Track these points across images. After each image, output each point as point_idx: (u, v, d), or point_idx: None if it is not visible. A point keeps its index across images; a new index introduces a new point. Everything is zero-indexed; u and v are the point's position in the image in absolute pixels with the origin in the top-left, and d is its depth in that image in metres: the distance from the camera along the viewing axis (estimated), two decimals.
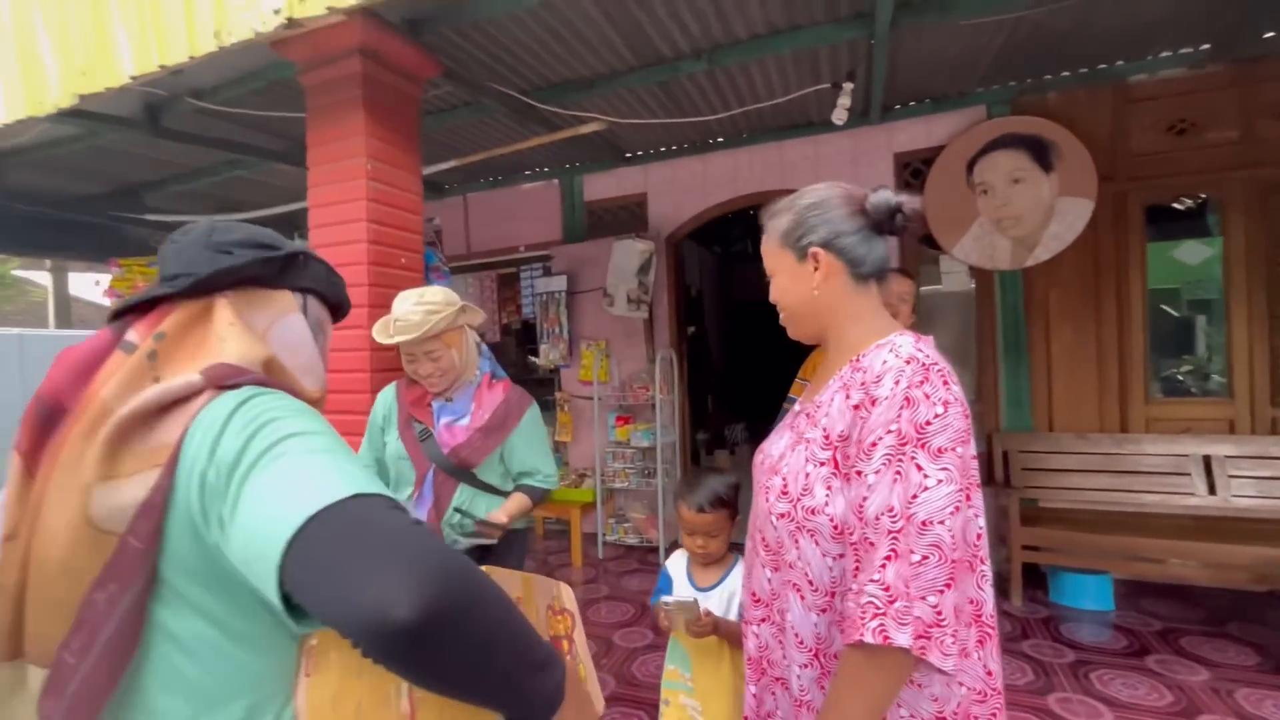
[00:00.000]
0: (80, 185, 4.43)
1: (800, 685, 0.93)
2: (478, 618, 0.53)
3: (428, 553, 0.51)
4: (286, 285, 0.76)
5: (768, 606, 0.99)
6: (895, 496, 0.80)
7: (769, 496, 0.95)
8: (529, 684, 0.59)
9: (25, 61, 2.16)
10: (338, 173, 2.04)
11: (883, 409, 0.83)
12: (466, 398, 1.72)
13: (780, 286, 1.02)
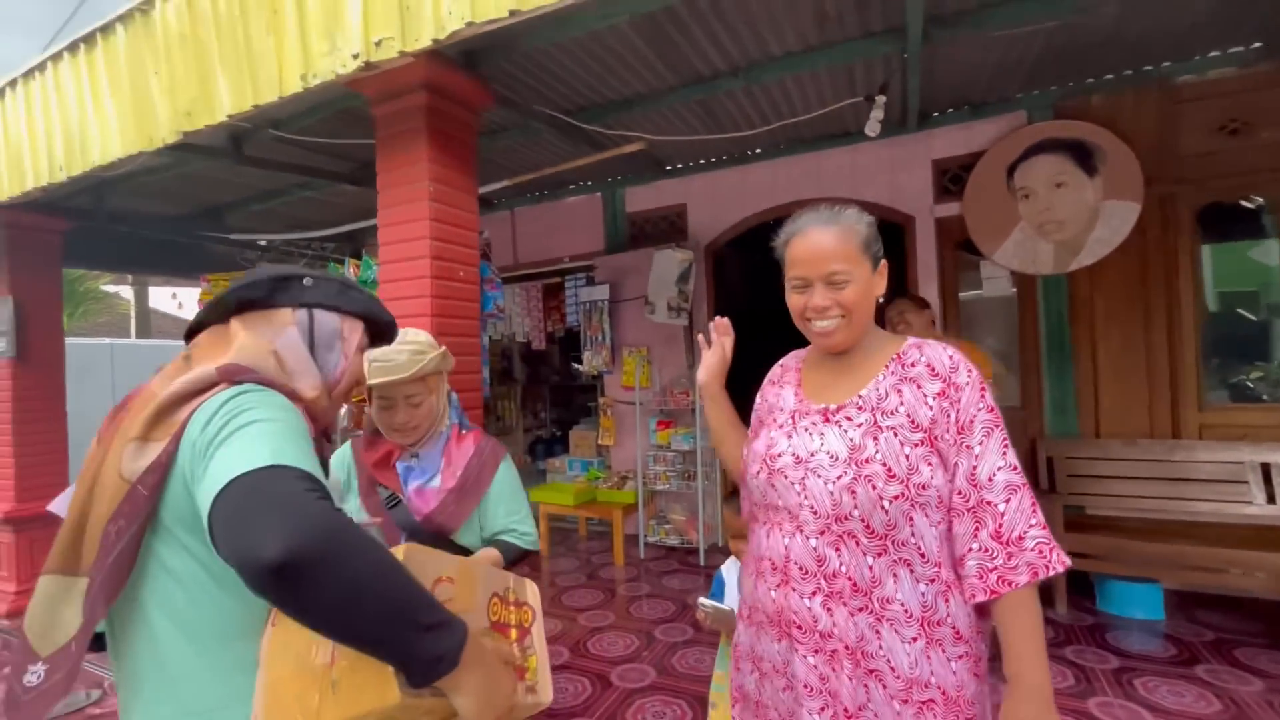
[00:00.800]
0: (170, 207, 4.85)
1: (910, 660, 0.98)
2: (346, 569, 0.62)
3: (306, 512, 0.64)
4: (284, 304, 0.92)
5: (866, 595, 1.00)
6: (1009, 458, 0.98)
7: (875, 485, 0.98)
8: (407, 639, 0.66)
9: (138, 103, 2.46)
10: (404, 195, 2.25)
11: (969, 393, 1.00)
12: (435, 453, 1.51)
13: (859, 292, 1.05)
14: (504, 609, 0.89)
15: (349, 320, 0.98)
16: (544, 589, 3.93)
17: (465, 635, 0.71)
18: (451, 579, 0.81)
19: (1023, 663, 0.94)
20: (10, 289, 3.89)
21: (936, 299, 4.00)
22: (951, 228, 3.92)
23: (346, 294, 0.98)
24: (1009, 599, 0.94)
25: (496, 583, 0.90)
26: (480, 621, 0.83)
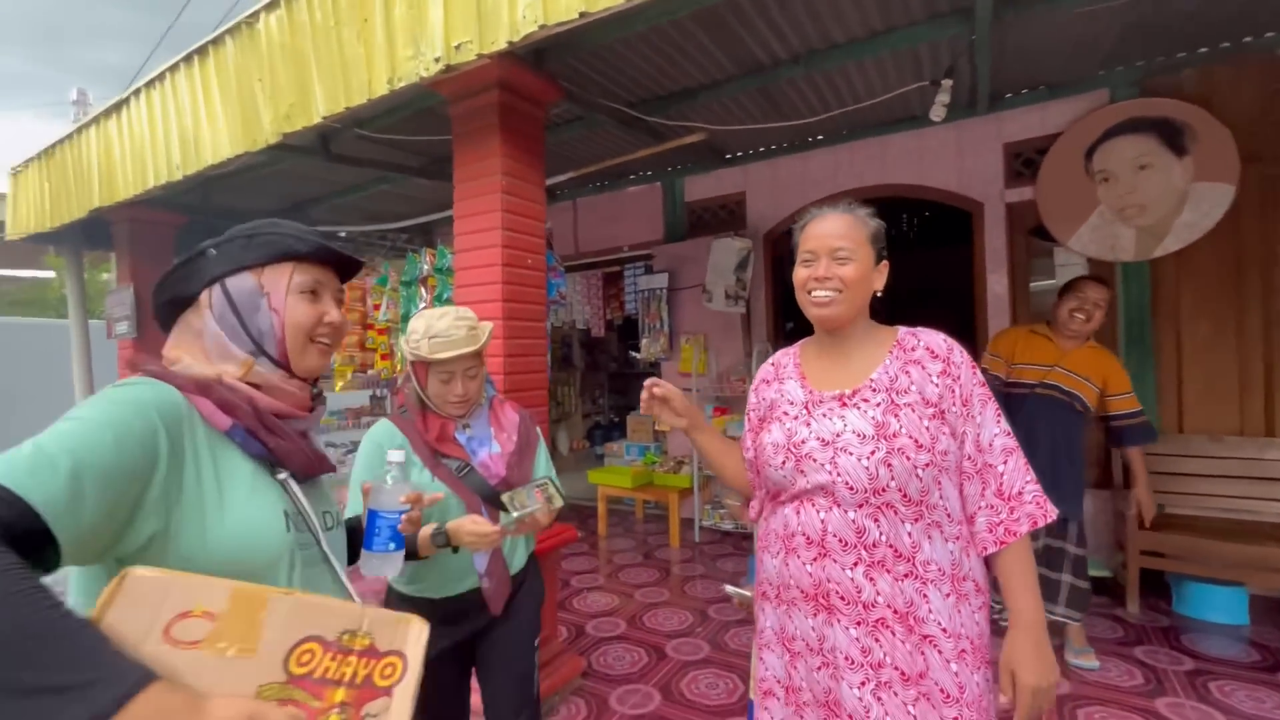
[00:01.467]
0: (263, 202, 5.26)
1: (952, 619, 1.05)
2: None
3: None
4: (199, 288, 0.84)
5: (910, 561, 1.06)
6: (1003, 424, 1.12)
7: (908, 456, 1.05)
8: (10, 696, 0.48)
9: (244, 108, 2.72)
10: (478, 188, 2.41)
11: (965, 371, 1.13)
12: (483, 421, 1.62)
13: (859, 272, 1.14)
14: (328, 659, 0.66)
15: (267, 270, 0.86)
16: (602, 567, 4.10)
17: (120, 697, 0.50)
18: (210, 613, 0.61)
19: (1024, 601, 1.07)
20: (131, 277, 4.35)
21: (1005, 289, 3.88)
22: (1023, 213, 3.79)
23: (251, 244, 0.86)
24: (1012, 548, 1.07)
25: (326, 622, 0.67)
26: (263, 675, 0.62)
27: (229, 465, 0.77)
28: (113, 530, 0.65)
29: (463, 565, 1.52)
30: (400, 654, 0.69)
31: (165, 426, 0.71)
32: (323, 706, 0.64)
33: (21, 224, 4.40)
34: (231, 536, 0.73)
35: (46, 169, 4.12)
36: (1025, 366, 2.74)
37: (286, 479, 0.83)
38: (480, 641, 1.60)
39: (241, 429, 0.79)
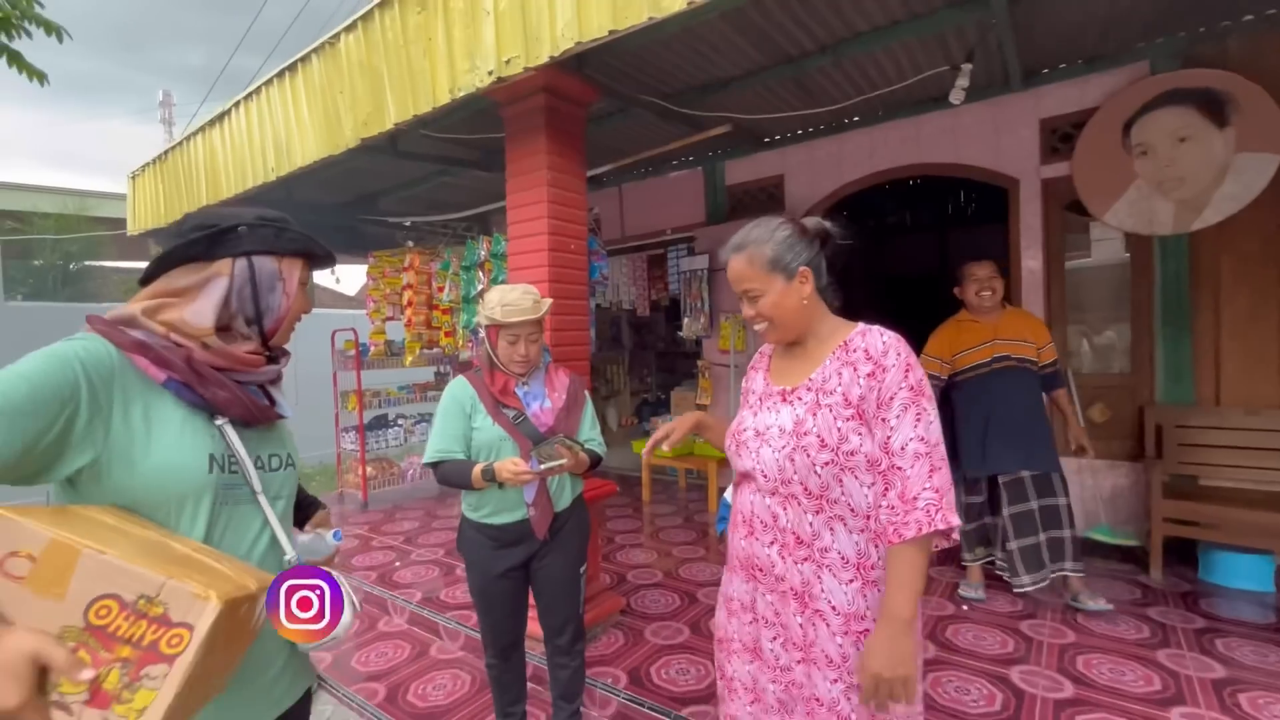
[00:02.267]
0: (337, 196, 5.78)
1: (848, 599, 1.16)
2: None
3: None
4: (222, 256, 0.95)
5: (809, 546, 1.19)
6: (920, 430, 1.11)
7: (809, 453, 1.16)
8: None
9: (327, 117, 3.13)
10: (527, 182, 2.72)
11: (894, 373, 1.14)
12: (538, 382, 1.93)
13: (772, 303, 1.24)
14: (120, 618, 0.71)
15: (287, 260, 1.01)
16: (644, 528, 4.43)
17: None
18: (32, 556, 0.69)
19: (893, 598, 1.09)
20: None
21: (1040, 266, 3.92)
22: (1059, 189, 3.81)
23: (282, 237, 1.00)
24: (899, 548, 1.09)
25: (127, 584, 0.71)
26: (65, 618, 0.69)
27: (161, 411, 0.89)
28: (37, 461, 0.78)
29: (515, 498, 1.86)
30: (190, 627, 0.71)
31: (87, 377, 0.82)
32: (108, 658, 0.69)
33: (140, 221, 5.05)
34: (154, 470, 0.86)
35: (160, 173, 4.72)
36: (969, 351, 3.03)
37: (223, 425, 0.93)
38: (535, 564, 1.94)
39: (175, 381, 0.89)
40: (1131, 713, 2.10)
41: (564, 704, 2.05)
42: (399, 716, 2.39)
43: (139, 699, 0.68)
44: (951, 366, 3.08)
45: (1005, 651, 2.53)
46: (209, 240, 0.95)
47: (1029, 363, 2.97)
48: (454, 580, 3.56)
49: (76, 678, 0.67)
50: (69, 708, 0.67)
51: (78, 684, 0.67)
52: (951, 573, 3.38)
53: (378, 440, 5.68)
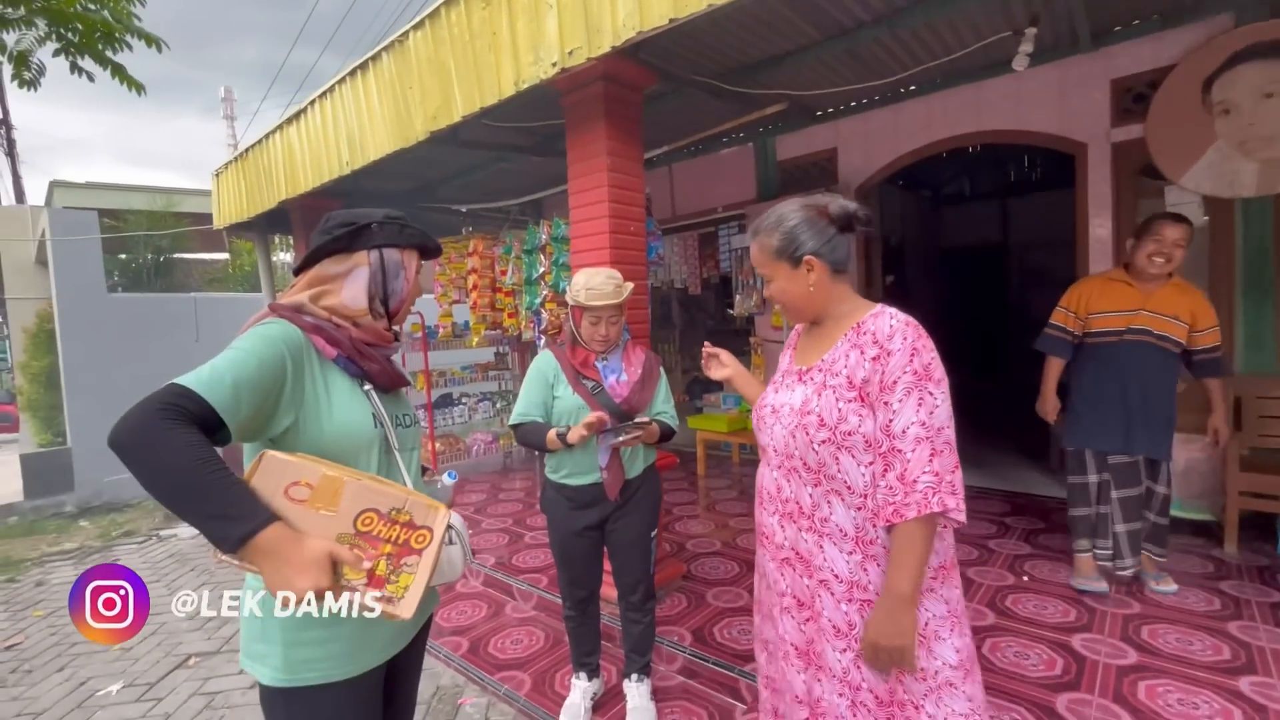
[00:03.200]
0: (400, 185, 6.03)
1: (849, 569, 1.21)
2: (141, 460, 0.82)
3: (129, 415, 0.85)
4: (359, 249, 1.14)
5: (810, 517, 1.26)
6: (921, 414, 1.12)
7: (808, 431, 1.21)
8: (193, 520, 0.84)
9: (398, 111, 3.31)
10: (588, 168, 2.83)
11: (898, 357, 1.15)
12: (617, 358, 2.07)
13: (780, 288, 1.31)
14: (381, 524, 0.95)
15: (407, 252, 1.20)
16: (700, 500, 4.57)
17: (255, 528, 0.85)
18: (310, 484, 0.93)
19: (893, 576, 1.14)
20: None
21: (1110, 233, 3.79)
22: (1131, 153, 3.67)
23: (404, 232, 1.18)
24: (899, 528, 1.13)
25: (380, 500, 0.96)
26: (339, 527, 0.93)
27: (335, 381, 1.09)
28: (260, 421, 0.98)
29: (590, 462, 2.02)
30: (430, 529, 0.97)
31: (290, 355, 1.02)
32: (375, 554, 0.94)
33: (225, 215, 5.43)
34: (339, 427, 1.06)
35: (241, 169, 5.05)
36: (1106, 315, 2.71)
37: (370, 390, 1.13)
38: (609, 525, 2.10)
39: (343, 357, 1.10)
40: (1198, 680, 2.11)
41: (636, 656, 2.22)
42: (482, 666, 2.62)
43: (402, 580, 0.94)
44: (1083, 325, 2.77)
45: (1066, 620, 2.56)
46: (350, 235, 1.14)
47: (1170, 342, 2.63)
48: (522, 547, 3.79)
49: (359, 568, 0.92)
50: (355, 588, 0.92)
51: (359, 572, 0.92)
52: (1012, 544, 3.38)
53: (444, 418, 5.98)
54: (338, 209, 1.28)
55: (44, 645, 3.26)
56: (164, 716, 2.53)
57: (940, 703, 1.19)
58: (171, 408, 0.86)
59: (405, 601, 0.93)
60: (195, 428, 0.87)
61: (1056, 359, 2.86)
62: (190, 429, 0.86)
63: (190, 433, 0.86)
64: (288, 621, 1.02)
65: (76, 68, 3.41)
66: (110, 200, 8.00)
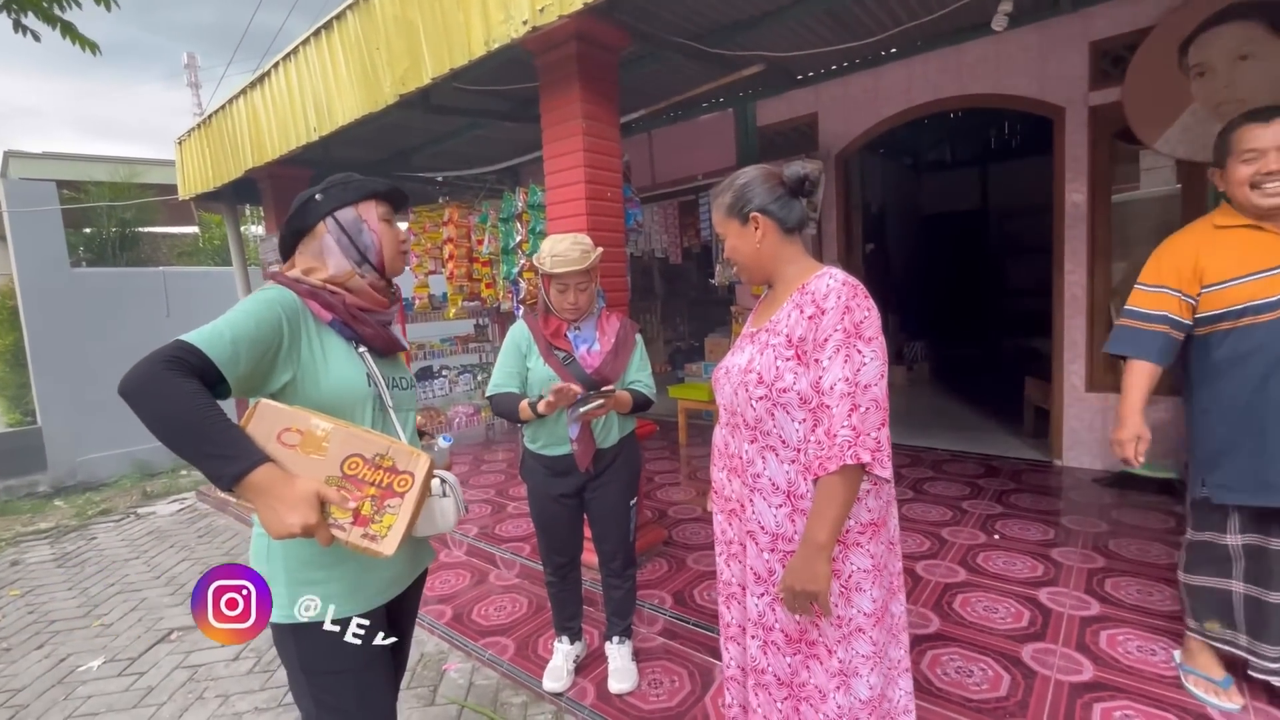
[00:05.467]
0: (371, 153, 5.87)
1: (776, 521, 1.28)
2: (147, 407, 0.90)
3: (139, 366, 0.92)
4: (315, 222, 1.20)
5: (744, 472, 1.32)
6: (847, 371, 1.15)
7: (748, 388, 1.27)
8: (194, 459, 0.91)
9: (365, 75, 3.19)
10: (563, 131, 2.77)
11: (830, 316, 1.18)
12: (590, 326, 2.04)
13: (732, 246, 1.36)
14: (366, 469, 1.03)
15: (361, 206, 1.22)
16: (681, 468, 4.62)
17: (249, 467, 0.92)
18: (300, 431, 1.00)
19: (811, 524, 1.18)
20: (278, 226, 5.11)
21: (1085, 199, 3.82)
22: (1109, 117, 3.67)
23: (348, 188, 1.22)
24: (821, 480, 1.16)
25: (365, 447, 1.04)
26: (327, 470, 1.00)
27: (330, 343, 1.16)
28: (259, 377, 1.06)
29: (563, 434, 2.01)
30: (411, 474, 1.05)
31: (286, 317, 1.09)
32: (360, 495, 1.01)
33: (190, 185, 5.25)
34: (334, 384, 1.13)
35: (205, 137, 4.87)
36: (1237, 283, 1.65)
37: (364, 353, 1.20)
38: (588, 494, 2.10)
39: (338, 320, 1.17)
40: (1156, 628, 2.20)
41: (617, 620, 2.25)
42: (466, 633, 2.65)
43: (385, 520, 1.01)
44: (1195, 306, 1.72)
45: (1034, 575, 2.64)
46: (299, 216, 1.22)
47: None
48: (505, 517, 3.81)
49: (345, 507, 0.99)
50: (343, 527, 0.99)
51: (345, 511, 0.99)
52: (984, 505, 3.47)
53: (425, 391, 5.94)
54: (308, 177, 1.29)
55: (22, 624, 3.24)
56: (147, 690, 2.53)
57: (849, 648, 1.28)
58: (175, 360, 0.93)
59: (388, 540, 0.99)
60: (196, 379, 0.94)
61: (1146, 364, 1.76)
62: (191, 379, 0.93)
63: (191, 382, 0.93)
64: (291, 563, 1.12)
65: (20, 26, 3.22)
66: (69, 171, 7.68)
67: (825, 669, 1.27)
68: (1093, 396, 3.91)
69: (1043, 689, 1.94)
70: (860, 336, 1.17)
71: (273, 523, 0.94)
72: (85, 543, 4.53)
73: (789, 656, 1.30)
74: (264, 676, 2.55)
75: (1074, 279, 3.90)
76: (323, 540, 0.97)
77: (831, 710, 1.27)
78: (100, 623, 3.16)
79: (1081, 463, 3.98)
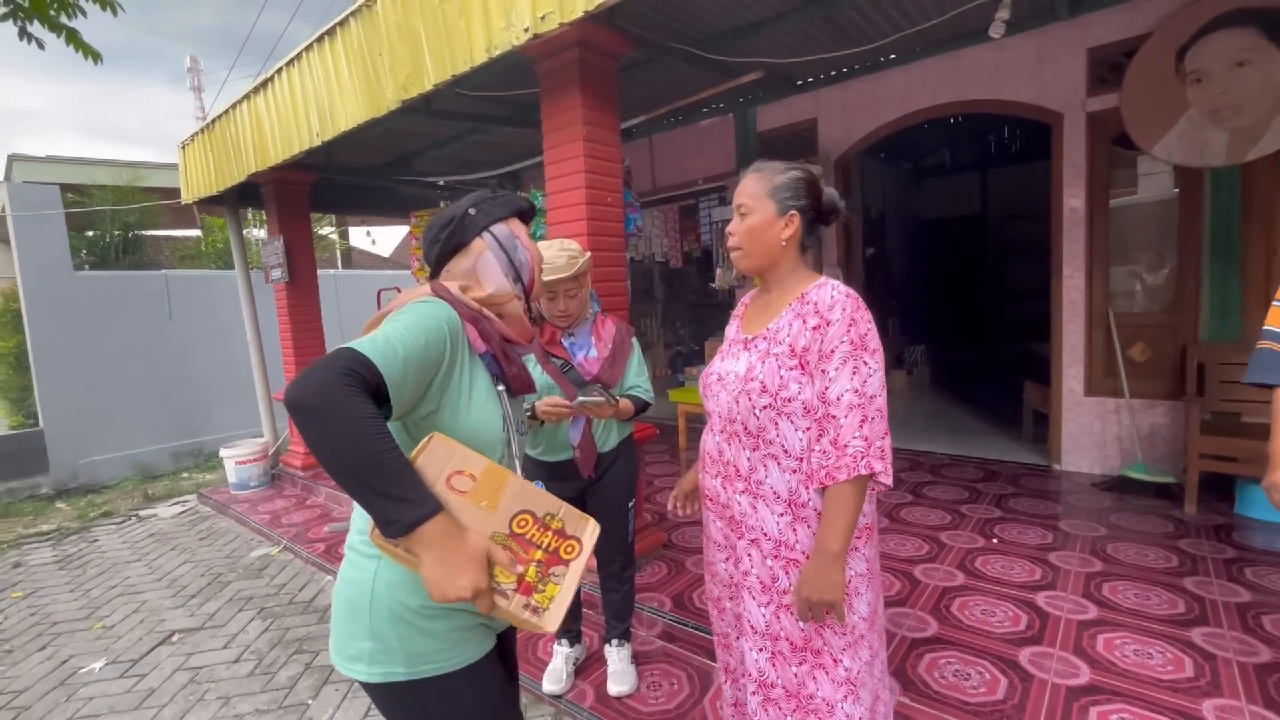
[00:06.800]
0: (373, 158, 5.89)
1: (779, 529, 1.28)
2: (319, 424, 0.77)
3: (312, 374, 0.80)
4: (471, 238, 1.11)
5: (746, 480, 1.31)
6: (855, 383, 1.18)
7: (751, 397, 1.26)
8: (362, 494, 0.79)
9: (368, 80, 3.22)
10: (563, 137, 2.79)
11: (837, 328, 1.20)
12: (585, 332, 2.03)
13: (753, 224, 1.29)
14: (534, 529, 0.93)
15: (511, 221, 1.16)
16: (681, 471, 4.62)
17: (427, 515, 0.80)
18: (473, 476, 0.89)
19: (824, 534, 1.19)
20: (280, 230, 5.14)
21: (1083, 204, 3.84)
22: (1106, 122, 3.69)
23: (498, 204, 1.15)
24: (832, 490, 1.18)
25: (537, 503, 0.95)
26: (495, 526, 0.90)
27: (477, 374, 1.04)
28: (413, 401, 0.93)
29: (563, 440, 2.03)
30: (579, 540, 0.96)
31: (451, 337, 0.98)
32: (526, 559, 0.91)
33: (193, 189, 5.28)
34: (473, 424, 1.01)
35: (208, 141, 4.90)
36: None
37: (503, 391, 1.09)
38: (588, 497, 2.12)
39: (489, 354, 1.06)
40: (1153, 632, 2.21)
41: (616, 623, 2.26)
42: None
43: (549, 590, 0.90)
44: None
45: (1032, 579, 2.65)
46: (457, 232, 1.12)
47: None
48: None
49: (512, 570, 0.88)
50: (506, 593, 0.87)
51: (509, 576, 0.88)
52: (983, 509, 3.47)
53: None
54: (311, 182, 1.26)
55: (24, 625, 3.25)
56: (148, 692, 2.54)
57: (855, 656, 1.29)
58: (353, 375, 0.81)
59: (550, 613, 0.88)
60: (370, 398, 0.82)
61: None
62: (368, 399, 0.81)
63: (369, 403, 0.81)
64: (401, 614, 0.97)
65: (25, 33, 3.25)
66: (73, 175, 7.71)
67: (832, 679, 1.28)
68: (1091, 401, 3.92)
69: (1040, 692, 1.95)
70: (866, 349, 1.20)
71: (442, 582, 0.82)
72: (87, 545, 4.54)
73: (795, 666, 1.30)
74: (265, 679, 2.56)
75: (1072, 284, 3.91)
76: (483, 608, 0.85)
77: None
78: (102, 625, 3.17)
79: (1080, 467, 3.99)
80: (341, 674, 1.03)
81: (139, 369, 6.61)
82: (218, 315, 7.23)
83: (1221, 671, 1.98)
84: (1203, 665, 2.01)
